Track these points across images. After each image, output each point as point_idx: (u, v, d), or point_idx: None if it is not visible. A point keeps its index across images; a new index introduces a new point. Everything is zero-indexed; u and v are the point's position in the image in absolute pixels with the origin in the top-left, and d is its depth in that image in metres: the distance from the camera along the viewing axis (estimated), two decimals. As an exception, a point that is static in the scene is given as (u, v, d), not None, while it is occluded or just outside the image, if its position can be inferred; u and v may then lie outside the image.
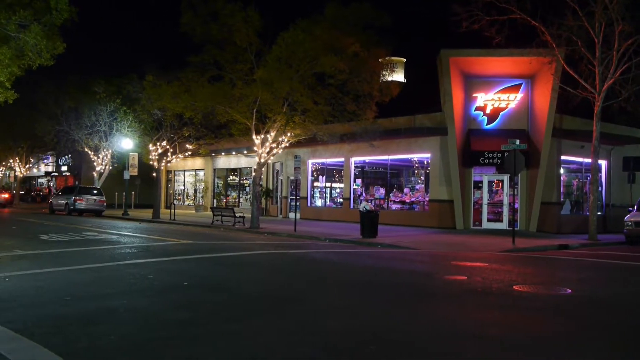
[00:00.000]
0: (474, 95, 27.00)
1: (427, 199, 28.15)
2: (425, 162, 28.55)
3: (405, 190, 30.43)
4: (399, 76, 38.69)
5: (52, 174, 64.73)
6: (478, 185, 27.09)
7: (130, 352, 6.04)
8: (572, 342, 6.88)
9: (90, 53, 78.49)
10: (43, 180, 68.54)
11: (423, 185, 29.11)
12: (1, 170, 62.85)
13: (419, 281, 11.37)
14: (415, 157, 29.20)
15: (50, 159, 64.08)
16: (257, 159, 26.45)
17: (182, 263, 13.29)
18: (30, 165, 59.05)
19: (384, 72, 26.83)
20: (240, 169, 40.85)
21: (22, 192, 62.15)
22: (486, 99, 26.87)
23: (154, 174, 35.27)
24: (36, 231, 21.65)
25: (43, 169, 66.64)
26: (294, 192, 31.42)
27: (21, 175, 57.02)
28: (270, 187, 37.10)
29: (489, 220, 26.80)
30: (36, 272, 11.28)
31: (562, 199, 27.03)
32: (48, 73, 29.10)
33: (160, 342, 6.41)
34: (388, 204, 30.04)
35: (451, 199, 26.53)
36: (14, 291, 9.25)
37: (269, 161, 29.66)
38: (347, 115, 24.97)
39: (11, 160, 56.09)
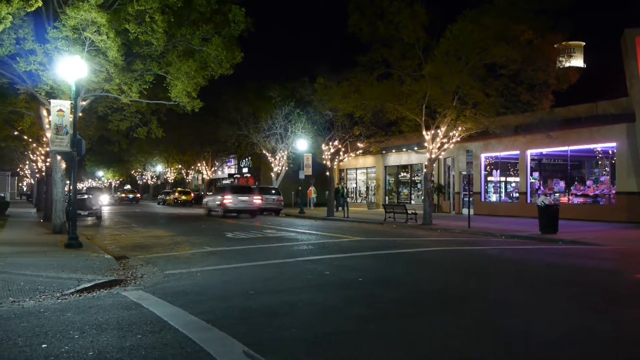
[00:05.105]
0: (666, 76, 24.53)
1: (613, 191, 26.12)
2: (610, 151, 26.51)
3: (588, 182, 28.46)
4: (577, 61, 36.19)
5: (235, 176, 69.20)
6: (674, 175, 24.59)
7: (311, 344, 6.31)
8: None
9: (264, 60, 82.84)
10: (227, 182, 73.49)
11: (608, 177, 27.04)
12: (191, 174, 68.80)
13: (606, 280, 10.59)
14: (598, 146, 27.20)
15: (233, 162, 68.61)
16: (427, 155, 26.23)
17: (356, 259, 13.57)
18: (215, 168, 64.17)
19: (560, 58, 25.23)
20: (410, 165, 40.81)
21: (210, 193, 67.21)
22: (681, 80, 24.29)
23: (327, 173, 36.34)
24: (221, 229, 23.28)
25: (226, 171, 71.58)
26: (466, 187, 30.73)
27: (208, 178, 62.10)
28: (442, 183, 36.60)
29: (688, 213, 24.21)
30: (223, 268, 12.17)
31: None
32: (228, 82, 31.19)
33: (338, 337, 6.61)
34: (569, 198, 28.30)
35: (642, 191, 24.36)
36: (205, 285, 10.07)
37: (440, 157, 29.29)
38: (521, 106, 23.89)
39: (199, 164, 61.36)
